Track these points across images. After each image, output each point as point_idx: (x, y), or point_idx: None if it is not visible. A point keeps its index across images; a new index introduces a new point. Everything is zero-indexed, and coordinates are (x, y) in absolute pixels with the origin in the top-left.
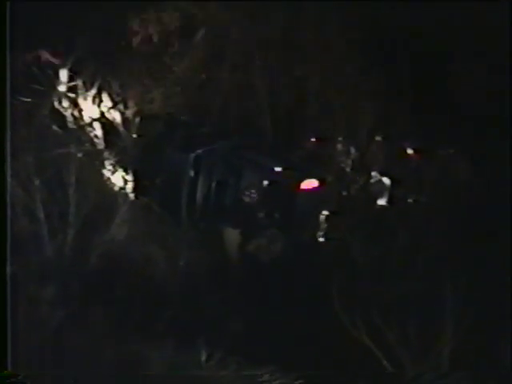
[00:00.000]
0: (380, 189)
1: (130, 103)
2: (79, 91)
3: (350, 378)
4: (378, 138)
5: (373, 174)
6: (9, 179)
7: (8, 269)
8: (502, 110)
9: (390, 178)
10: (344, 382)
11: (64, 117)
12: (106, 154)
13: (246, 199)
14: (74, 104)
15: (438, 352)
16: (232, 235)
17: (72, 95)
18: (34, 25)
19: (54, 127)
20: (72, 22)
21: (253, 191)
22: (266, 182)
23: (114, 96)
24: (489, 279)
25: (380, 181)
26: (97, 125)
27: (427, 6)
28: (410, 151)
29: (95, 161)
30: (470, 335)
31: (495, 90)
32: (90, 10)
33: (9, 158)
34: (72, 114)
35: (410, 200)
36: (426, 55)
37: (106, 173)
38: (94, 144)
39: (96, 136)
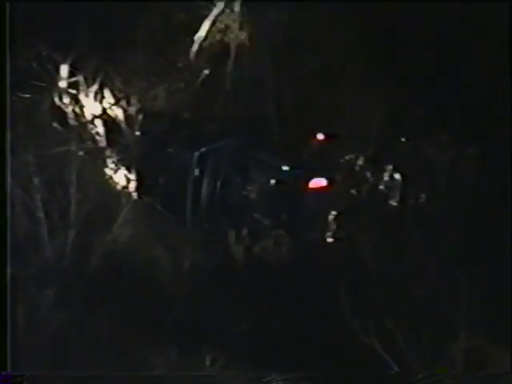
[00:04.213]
0: (391, 188)
1: (133, 100)
2: (80, 87)
3: (358, 381)
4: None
5: (384, 172)
6: (9, 178)
7: (8, 270)
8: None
9: (401, 175)
10: None
11: (65, 113)
12: (108, 152)
13: (250, 194)
14: (75, 100)
15: (451, 357)
16: (237, 236)
17: (73, 91)
18: (35, 20)
19: (55, 124)
20: (73, 16)
21: (250, 188)
22: (273, 181)
23: (117, 92)
24: (504, 280)
25: (391, 179)
26: (98, 122)
27: (438, 6)
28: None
29: (97, 159)
30: (484, 339)
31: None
32: (92, 5)
33: (9, 157)
34: (73, 111)
35: (422, 200)
36: (439, 52)
37: (108, 171)
38: (95, 142)
39: (98, 133)
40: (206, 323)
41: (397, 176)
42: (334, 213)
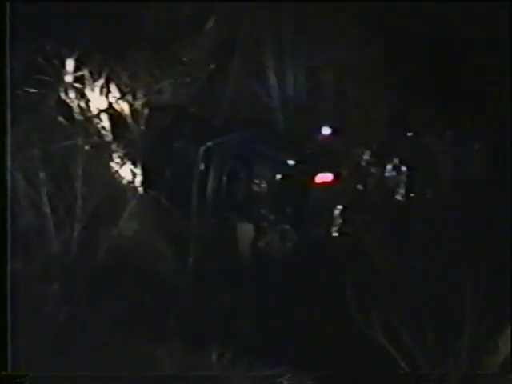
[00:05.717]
0: (397, 182)
1: (139, 94)
2: (86, 81)
3: (365, 378)
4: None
5: (389, 167)
6: (9, 172)
7: (9, 266)
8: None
9: (407, 170)
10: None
11: (71, 108)
12: (113, 146)
13: (255, 188)
14: (81, 95)
15: (457, 353)
16: (243, 231)
17: (79, 86)
18: (38, 15)
19: (61, 118)
20: (78, 11)
21: (263, 181)
22: (278, 176)
23: (123, 86)
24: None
25: (397, 174)
26: (104, 116)
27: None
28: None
29: (103, 153)
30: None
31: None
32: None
33: (9, 151)
34: (79, 105)
35: (428, 195)
36: (445, 45)
37: (114, 166)
38: (101, 136)
39: (104, 128)
40: (211, 318)
41: (403, 170)
42: (339, 207)
